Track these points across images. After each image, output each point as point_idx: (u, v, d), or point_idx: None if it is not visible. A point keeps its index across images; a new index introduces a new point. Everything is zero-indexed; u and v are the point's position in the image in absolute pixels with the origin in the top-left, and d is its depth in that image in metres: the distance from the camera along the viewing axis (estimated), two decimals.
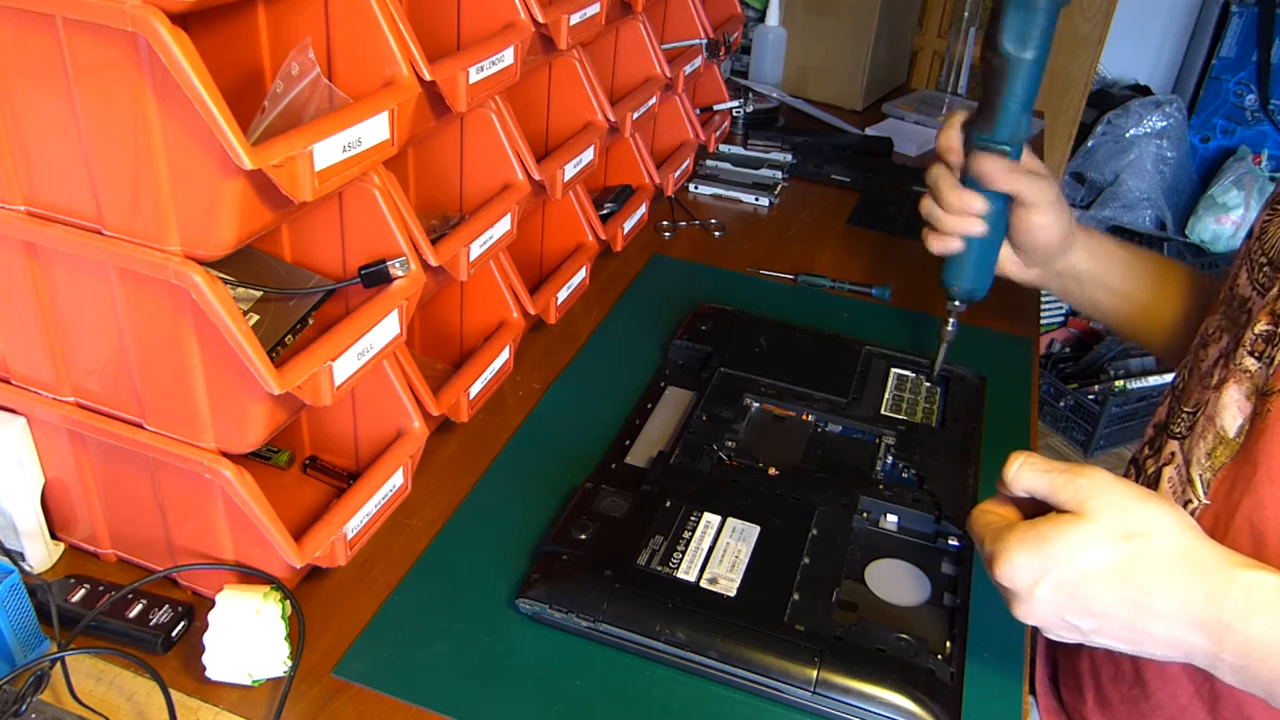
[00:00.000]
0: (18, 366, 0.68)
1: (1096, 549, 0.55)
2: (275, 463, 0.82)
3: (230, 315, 0.57)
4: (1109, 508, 0.56)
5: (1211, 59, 2.69)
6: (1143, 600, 0.55)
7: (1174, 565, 0.55)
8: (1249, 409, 0.67)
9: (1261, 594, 0.53)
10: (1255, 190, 2.67)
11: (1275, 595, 0.53)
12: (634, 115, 1.10)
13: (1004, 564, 0.57)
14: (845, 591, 0.72)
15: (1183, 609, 0.54)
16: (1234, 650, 0.54)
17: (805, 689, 0.64)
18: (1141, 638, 0.56)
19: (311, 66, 0.64)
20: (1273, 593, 0.53)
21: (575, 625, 0.69)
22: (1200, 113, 2.75)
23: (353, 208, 0.71)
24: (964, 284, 0.88)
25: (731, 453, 0.83)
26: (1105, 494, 0.56)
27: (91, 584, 0.69)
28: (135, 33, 0.50)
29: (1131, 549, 0.55)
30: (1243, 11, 2.59)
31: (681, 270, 1.19)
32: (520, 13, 0.84)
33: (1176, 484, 0.72)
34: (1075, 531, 0.56)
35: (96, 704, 0.63)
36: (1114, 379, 2.39)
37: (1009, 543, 0.57)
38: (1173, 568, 0.55)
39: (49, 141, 0.57)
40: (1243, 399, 0.67)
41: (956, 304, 0.90)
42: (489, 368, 0.90)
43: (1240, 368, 0.68)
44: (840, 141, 1.56)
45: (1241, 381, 0.68)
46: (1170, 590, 0.54)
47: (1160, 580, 0.55)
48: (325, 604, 0.72)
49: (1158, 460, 0.75)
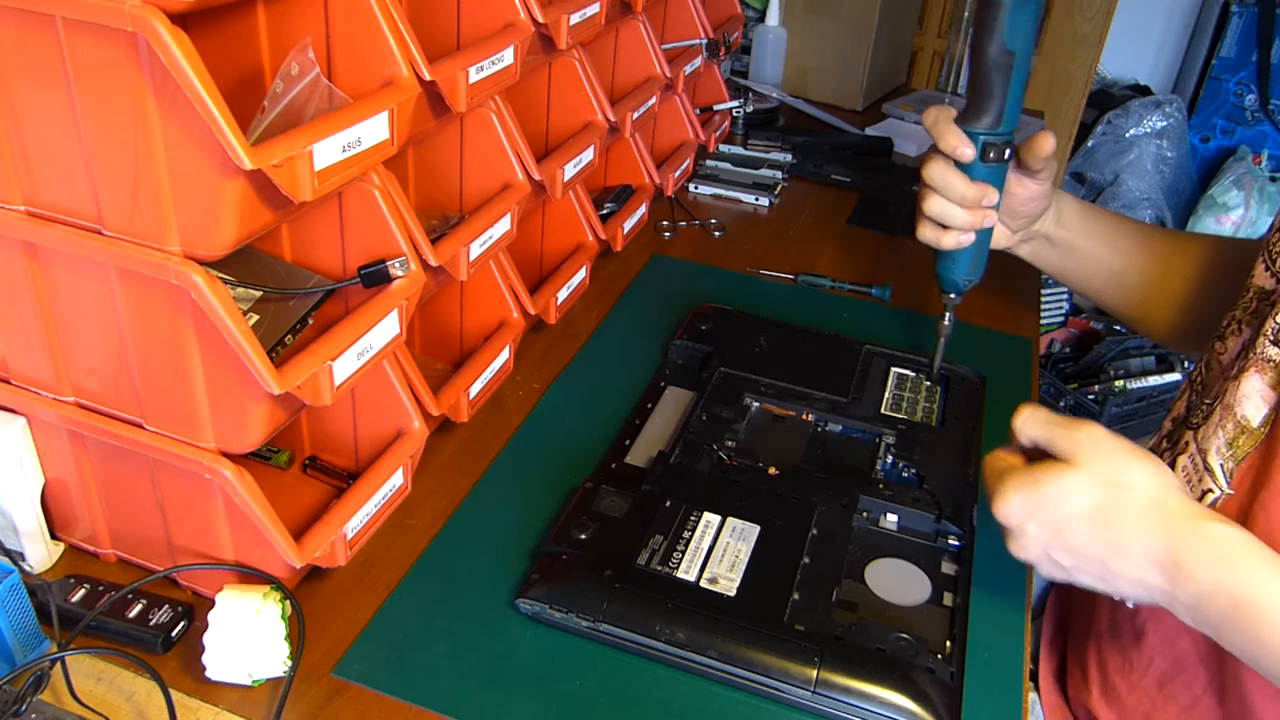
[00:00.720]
0: (18, 366, 0.68)
1: (1081, 494, 0.61)
2: (275, 463, 0.82)
3: (230, 315, 0.57)
4: (1098, 458, 0.61)
5: (1211, 59, 2.69)
6: (1114, 542, 0.61)
7: (1146, 513, 0.60)
8: (1274, 399, 0.67)
9: (1217, 545, 0.58)
10: (1255, 190, 2.67)
11: (1229, 547, 0.58)
12: (634, 115, 1.10)
13: (1000, 502, 0.64)
14: (845, 591, 0.72)
15: (1146, 552, 0.60)
16: (1187, 593, 0.59)
17: (805, 689, 0.64)
18: (1112, 576, 0.62)
19: (311, 66, 0.64)
20: (1227, 544, 0.58)
21: (575, 625, 0.69)
22: (1200, 113, 2.75)
23: (353, 208, 0.71)
24: (966, 274, 0.88)
25: (731, 452, 0.83)
26: (1096, 446, 0.62)
27: (91, 584, 0.69)
28: (135, 33, 0.50)
29: (1111, 496, 0.61)
30: (1243, 11, 2.59)
31: (681, 270, 1.19)
32: (520, 13, 0.84)
33: (1190, 472, 0.72)
34: (1064, 477, 0.62)
35: (96, 704, 0.63)
36: (1114, 379, 2.39)
37: (1007, 484, 0.64)
38: (1144, 515, 0.60)
39: (49, 141, 0.57)
40: (1266, 388, 0.67)
41: (954, 296, 0.90)
42: (489, 368, 0.90)
43: (1262, 357, 0.68)
44: (840, 141, 1.56)
45: (1265, 371, 0.68)
46: (1138, 535, 0.60)
47: (1131, 525, 0.60)
48: (325, 604, 0.72)
49: (1174, 451, 0.75)
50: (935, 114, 0.81)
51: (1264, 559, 0.58)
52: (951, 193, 0.82)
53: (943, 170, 0.82)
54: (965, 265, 0.87)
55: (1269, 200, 2.58)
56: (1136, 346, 2.41)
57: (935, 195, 0.83)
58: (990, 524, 0.79)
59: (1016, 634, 0.73)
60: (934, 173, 0.82)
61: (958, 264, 0.87)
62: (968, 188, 0.81)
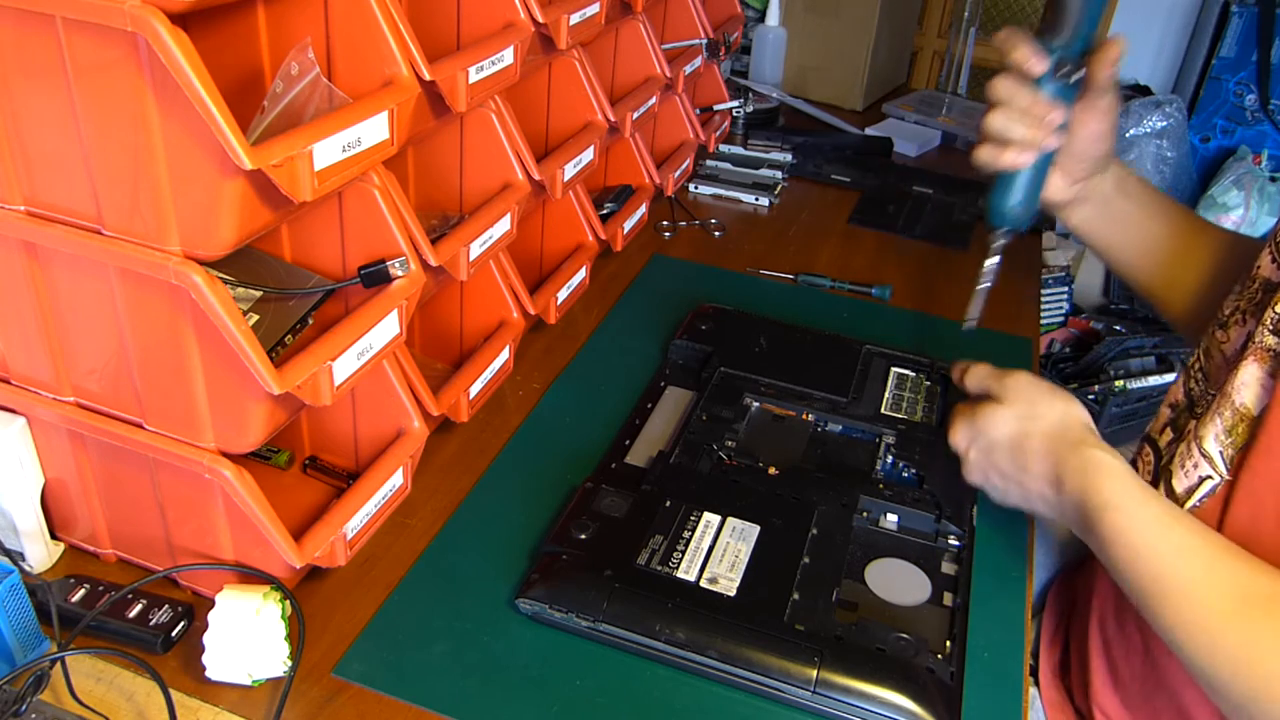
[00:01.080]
0: (18, 366, 0.68)
1: (1004, 423, 0.74)
2: (275, 463, 0.82)
3: (230, 315, 0.57)
4: (1019, 395, 0.75)
5: (1211, 59, 2.69)
6: (1024, 464, 0.73)
7: (1047, 440, 0.72)
8: (1272, 386, 0.67)
9: (1090, 463, 0.68)
10: (1255, 190, 2.67)
11: (1097, 465, 0.68)
12: (634, 115, 1.10)
13: (951, 433, 0.78)
14: (845, 591, 0.72)
15: (1043, 471, 0.71)
16: (1065, 502, 0.70)
17: (805, 689, 0.64)
18: (1027, 493, 0.73)
19: (311, 66, 0.64)
20: (1097, 463, 0.68)
21: (575, 625, 0.69)
22: (1200, 113, 2.75)
23: (352, 208, 0.71)
24: (1021, 203, 0.82)
25: (731, 452, 0.83)
26: (1020, 386, 0.75)
27: (91, 584, 0.69)
28: (135, 33, 0.50)
29: (1025, 427, 0.73)
30: (1243, 11, 2.59)
31: (681, 270, 1.18)
32: (520, 13, 0.84)
33: (1185, 457, 0.72)
34: (994, 411, 0.75)
35: (96, 704, 0.63)
36: (1114, 379, 2.39)
37: (957, 419, 0.78)
38: (1046, 442, 0.72)
39: (49, 141, 0.57)
40: (1266, 377, 0.68)
41: (1003, 233, 0.84)
42: (489, 368, 0.90)
43: (1261, 345, 0.69)
44: (840, 141, 1.56)
45: (1263, 360, 0.68)
46: (1038, 457, 0.72)
47: (1034, 450, 0.72)
48: (325, 604, 0.72)
49: (1180, 439, 0.75)
50: (1008, 31, 0.79)
51: (1121, 476, 0.67)
52: (1017, 104, 0.78)
53: (1010, 83, 0.78)
54: (1021, 192, 0.81)
55: (1269, 200, 2.58)
56: (1136, 346, 2.41)
57: (998, 110, 0.79)
58: (990, 524, 0.80)
59: (1016, 633, 0.73)
60: (1000, 86, 0.79)
61: (1012, 190, 0.81)
62: (1035, 99, 0.78)
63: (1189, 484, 0.71)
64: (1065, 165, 0.84)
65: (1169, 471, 0.73)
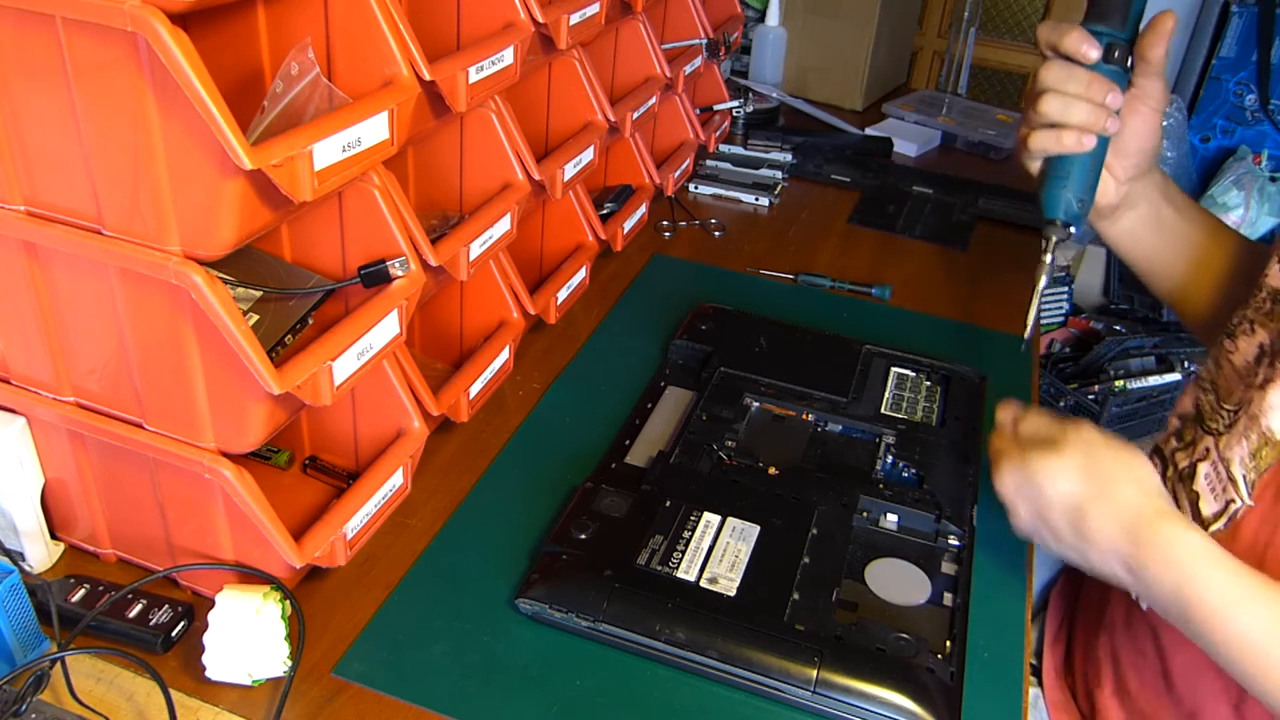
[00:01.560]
0: (18, 366, 0.68)
1: (1061, 479, 0.67)
2: (275, 463, 0.82)
3: (230, 315, 0.57)
4: (1080, 447, 0.67)
5: (1211, 59, 2.69)
6: (1086, 533, 0.66)
7: (1118, 518, 0.65)
8: None
9: (1177, 549, 0.63)
10: (1255, 190, 2.67)
11: (1187, 553, 0.62)
12: (634, 115, 1.10)
13: (996, 477, 0.71)
14: (845, 591, 0.72)
15: (1114, 550, 0.65)
16: (1150, 594, 0.64)
17: (805, 689, 0.64)
18: (1088, 563, 0.67)
19: (311, 66, 0.64)
20: (1186, 550, 0.62)
21: (575, 625, 0.69)
22: (1200, 113, 2.75)
23: (352, 208, 0.71)
24: (1079, 192, 0.76)
25: (731, 452, 0.83)
26: (1081, 436, 0.68)
27: (91, 584, 0.69)
28: (135, 33, 0.50)
29: (1087, 488, 0.66)
30: (1243, 11, 2.59)
31: (681, 270, 1.19)
32: (520, 13, 0.84)
33: (1214, 481, 0.71)
34: (1049, 461, 0.67)
35: (96, 704, 0.63)
36: (1114, 379, 2.38)
37: (1003, 460, 0.71)
38: (1115, 512, 0.65)
39: (49, 141, 0.57)
40: None
41: (1061, 228, 0.77)
42: (489, 368, 0.90)
43: None
44: (840, 141, 1.56)
45: None
46: (1107, 532, 0.65)
47: (1102, 520, 0.65)
48: (325, 604, 0.72)
49: (1190, 454, 0.74)
50: (1051, 22, 0.76)
51: (1219, 565, 0.62)
52: (1073, 86, 0.74)
53: (1061, 68, 0.75)
54: (1080, 180, 0.76)
55: (1269, 200, 2.58)
56: (1136, 346, 2.41)
57: (1052, 94, 0.75)
58: (990, 524, 0.79)
59: (1017, 633, 0.73)
60: (1051, 72, 0.75)
61: (1071, 177, 0.76)
62: (1092, 80, 0.74)
63: (1216, 508, 0.70)
64: (1113, 163, 0.80)
65: (1195, 493, 0.72)
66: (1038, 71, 0.77)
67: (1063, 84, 0.75)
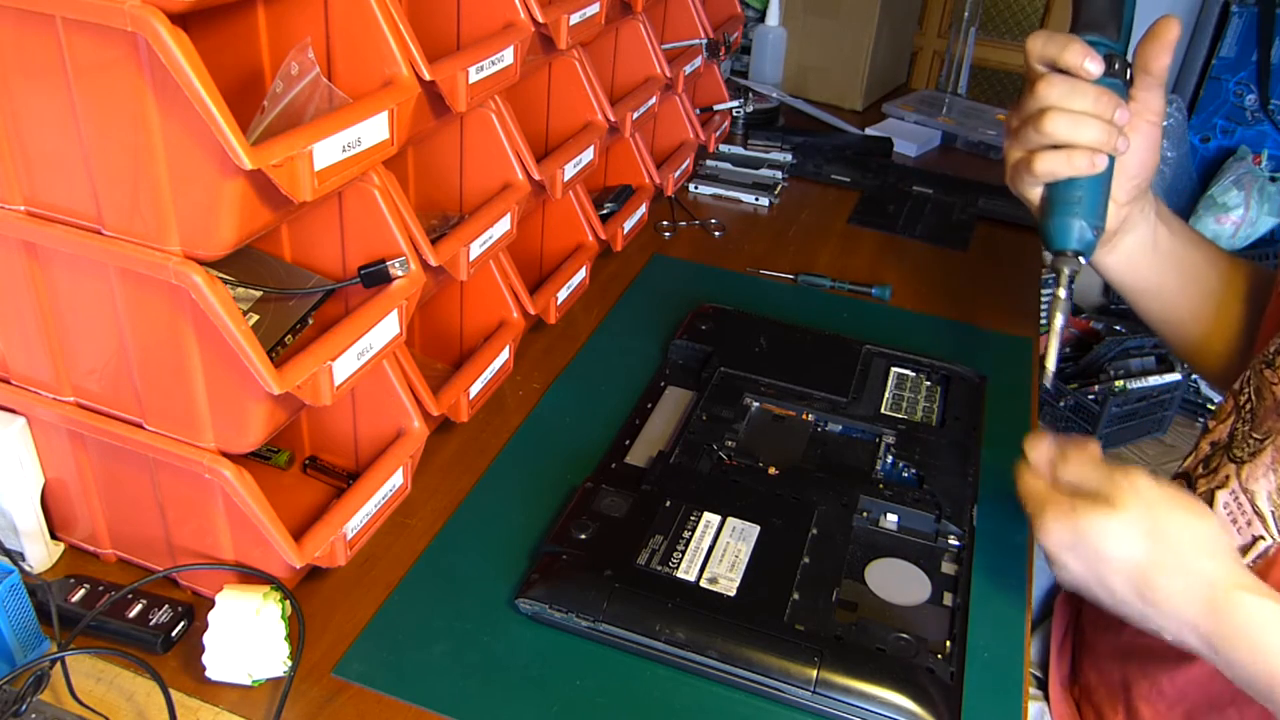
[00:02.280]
0: (18, 366, 0.68)
1: (1119, 540, 0.61)
2: (275, 463, 0.82)
3: (230, 315, 0.57)
4: (1139, 504, 0.61)
5: (1211, 59, 2.69)
6: (1152, 599, 0.61)
7: (1185, 577, 0.60)
8: None
9: (1252, 618, 0.58)
10: (1255, 190, 2.67)
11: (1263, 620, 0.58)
12: (634, 115, 1.10)
13: (1040, 530, 0.64)
14: (845, 591, 0.72)
15: (1185, 620, 0.60)
16: (1224, 659, 0.60)
17: (805, 689, 0.64)
18: (1152, 626, 0.62)
19: (311, 66, 0.64)
20: (1261, 618, 0.58)
21: (575, 625, 0.69)
22: (1200, 113, 2.75)
23: (352, 208, 0.71)
24: (1094, 218, 0.71)
25: (731, 452, 0.83)
26: (1137, 491, 0.61)
27: (91, 584, 0.69)
28: (135, 33, 0.50)
29: (1150, 552, 0.60)
30: (1243, 11, 2.59)
31: (681, 270, 1.19)
32: (520, 13, 0.84)
33: (1235, 511, 0.69)
34: (1104, 520, 0.61)
35: (96, 704, 0.63)
36: (1114, 379, 2.38)
37: (1047, 513, 0.64)
38: (1184, 579, 0.60)
39: (49, 141, 0.57)
40: None
41: (1072, 257, 0.71)
42: (489, 368, 0.90)
43: None
44: (840, 141, 1.56)
45: None
46: (1176, 600, 0.60)
47: (1170, 587, 0.60)
48: (325, 604, 0.72)
49: (1211, 481, 0.72)
50: (1046, 32, 0.70)
51: None
52: (1080, 103, 0.69)
53: (1064, 83, 0.69)
54: (1091, 205, 0.70)
55: (1269, 200, 2.58)
56: (1136, 346, 2.41)
57: (1057, 112, 0.69)
58: (990, 524, 0.79)
59: (1016, 634, 0.73)
60: (1054, 88, 0.69)
61: (1083, 203, 0.70)
62: (1100, 96, 0.68)
63: (1242, 542, 0.68)
64: (1114, 185, 0.73)
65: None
66: (1034, 88, 0.71)
67: (1068, 100, 0.69)
